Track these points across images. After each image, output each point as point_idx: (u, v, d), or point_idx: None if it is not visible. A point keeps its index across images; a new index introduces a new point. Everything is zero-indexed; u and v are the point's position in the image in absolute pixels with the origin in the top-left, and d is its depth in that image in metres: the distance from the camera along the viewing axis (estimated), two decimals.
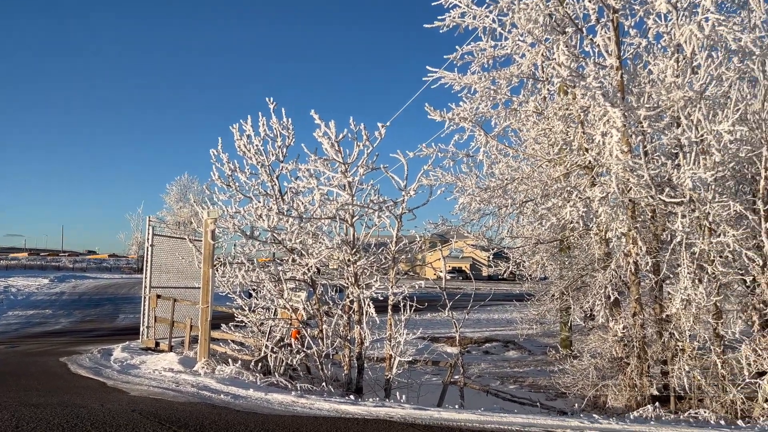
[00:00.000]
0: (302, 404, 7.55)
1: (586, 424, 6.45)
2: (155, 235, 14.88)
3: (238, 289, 11.60)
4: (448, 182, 12.95)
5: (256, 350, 11.65)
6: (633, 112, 9.92)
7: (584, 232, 11.72)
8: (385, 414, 6.88)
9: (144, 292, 14.76)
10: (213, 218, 11.13)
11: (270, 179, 11.46)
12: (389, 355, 10.30)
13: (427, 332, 17.85)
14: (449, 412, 6.83)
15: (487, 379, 13.96)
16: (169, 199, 71.03)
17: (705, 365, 9.99)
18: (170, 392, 8.24)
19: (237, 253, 11.79)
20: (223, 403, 7.54)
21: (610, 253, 11.70)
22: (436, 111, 12.11)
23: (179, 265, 15.35)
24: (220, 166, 11.50)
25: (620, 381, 11.27)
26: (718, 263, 9.58)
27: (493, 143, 12.74)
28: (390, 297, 10.37)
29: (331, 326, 10.73)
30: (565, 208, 10.18)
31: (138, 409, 6.77)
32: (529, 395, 11.90)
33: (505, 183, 12.26)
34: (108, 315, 25.47)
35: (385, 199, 10.52)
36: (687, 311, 9.82)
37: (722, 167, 9.39)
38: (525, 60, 11.99)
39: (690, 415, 8.79)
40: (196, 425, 6.05)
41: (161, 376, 9.82)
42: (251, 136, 11.42)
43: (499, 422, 6.46)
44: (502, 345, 18.35)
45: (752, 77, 9.93)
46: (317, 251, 10.58)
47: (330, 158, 10.49)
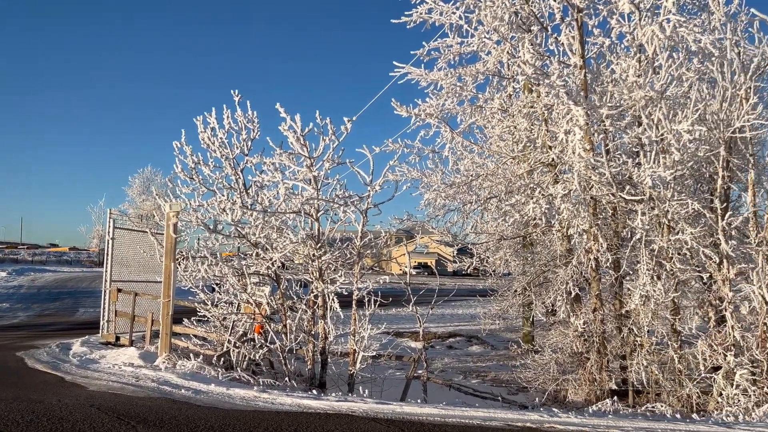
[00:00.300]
0: (264, 399, 7.51)
1: (545, 418, 6.53)
2: (116, 228, 14.64)
3: (201, 283, 11.46)
4: (413, 178, 13.01)
5: (219, 345, 11.54)
6: (596, 110, 10.07)
7: (547, 228, 11.87)
8: (348, 408, 6.88)
9: (104, 286, 14.52)
10: (175, 211, 10.98)
11: (234, 172, 11.33)
12: (353, 349, 10.30)
13: (392, 327, 17.93)
14: (411, 406, 6.87)
15: (451, 374, 14.05)
16: (132, 191, 69.93)
17: (662, 360, 10.20)
18: (130, 387, 8.12)
19: (200, 247, 11.67)
20: (184, 398, 7.46)
21: (572, 250, 11.87)
22: (403, 107, 12.15)
23: (141, 258, 15.13)
24: (183, 159, 11.33)
25: (580, 375, 11.45)
26: (677, 260, 9.78)
27: (458, 140, 12.81)
28: (355, 292, 10.38)
29: (295, 321, 10.68)
30: (529, 205, 10.29)
31: (96, 405, 6.66)
32: (491, 389, 12.03)
33: (469, 179, 12.34)
34: (67, 309, 24.99)
35: (350, 194, 10.51)
36: (646, 307, 10.02)
37: (681, 166, 9.59)
38: (491, 57, 12.07)
39: (647, 409, 8.97)
40: (156, 420, 5.98)
41: (121, 370, 9.67)
42: (216, 128, 11.27)
43: (460, 416, 6.51)
44: (466, 340, 18.51)
45: (711, 78, 10.15)
46: (282, 246, 10.52)
47: (295, 152, 10.43)
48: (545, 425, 6.27)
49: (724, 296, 9.45)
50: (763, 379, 8.90)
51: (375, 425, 6.13)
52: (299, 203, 10.49)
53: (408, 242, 31.39)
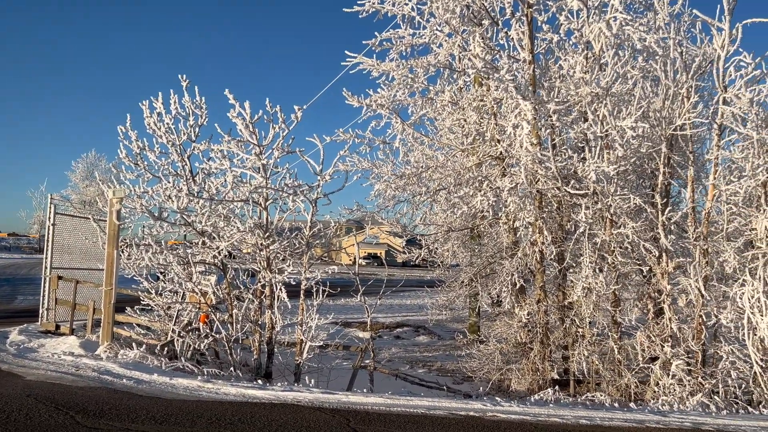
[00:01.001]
0: (208, 389, 7.43)
1: (488, 407, 6.64)
2: (57, 213, 14.20)
3: (145, 271, 11.24)
4: (364, 168, 13.00)
5: (163, 335, 11.35)
6: (543, 105, 10.23)
7: (494, 220, 12.04)
8: (293, 398, 6.87)
9: (44, 273, 14.08)
10: (119, 197, 10.73)
11: (181, 159, 11.14)
12: (300, 339, 10.27)
13: (340, 317, 17.94)
14: (357, 396, 6.90)
15: (397, 364, 14.13)
16: (75, 177, 68.07)
17: (603, 351, 10.46)
18: (69, 376, 7.91)
19: (144, 235, 11.43)
20: (126, 388, 7.31)
21: (518, 242, 12.07)
22: (354, 97, 12.12)
23: (83, 245, 14.72)
24: (128, 144, 11.08)
25: (524, 365, 11.65)
26: (618, 254, 10.04)
27: (409, 131, 12.86)
28: (303, 282, 10.33)
29: (241, 311, 10.59)
30: (477, 197, 10.42)
31: (33, 394, 6.48)
32: (437, 379, 12.15)
33: (419, 171, 12.41)
34: (5, 296, 24.12)
35: (300, 183, 10.45)
36: (588, 299, 10.26)
37: (624, 162, 9.83)
38: (442, 50, 12.13)
39: (587, 398, 9.20)
40: (96, 410, 5.85)
41: (60, 360, 9.42)
42: (162, 113, 11.05)
43: (405, 405, 6.57)
44: (413, 330, 18.64)
45: (655, 76, 10.41)
46: (229, 234, 10.40)
47: (244, 140, 10.31)
48: (488, 414, 6.38)
49: (663, 289, 9.74)
50: (697, 370, 9.22)
51: (320, 415, 6.14)
52: (247, 192, 10.39)
53: (358, 233, 31.42)
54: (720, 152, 9.40)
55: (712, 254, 9.69)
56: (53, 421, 5.42)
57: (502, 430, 5.86)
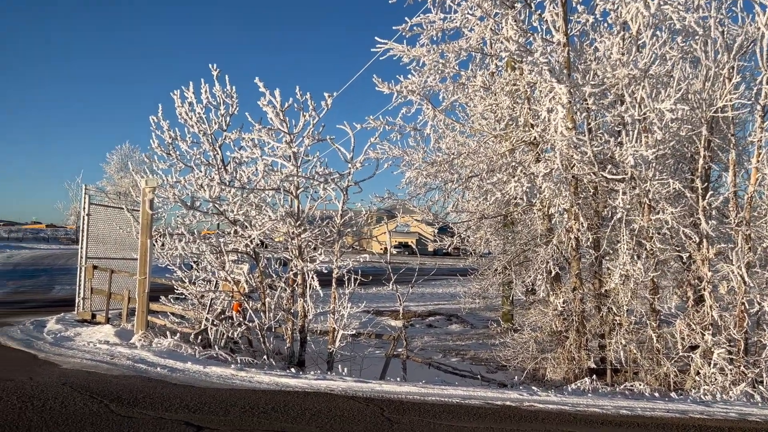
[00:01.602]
0: (241, 377, 7.41)
1: (525, 396, 6.51)
2: (92, 204, 14.36)
3: (178, 261, 11.30)
4: (395, 156, 12.87)
5: (197, 323, 11.41)
6: (578, 89, 9.98)
7: (528, 207, 11.82)
8: (326, 387, 6.81)
9: (80, 263, 14.27)
10: (151, 187, 10.78)
11: (212, 148, 11.15)
12: (332, 328, 10.23)
13: (372, 306, 17.87)
14: (391, 384, 6.81)
15: (430, 352, 14.03)
16: (110, 168, 68.88)
17: (641, 339, 10.24)
18: (104, 365, 7.97)
19: (177, 224, 11.48)
20: (159, 376, 7.33)
21: (552, 229, 11.85)
22: (384, 83, 11.97)
23: (117, 235, 14.88)
24: (160, 134, 11.12)
25: (559, 354, 11.48)
26: (657, 240, 9.79)
27: (440, 117, 12.69)
28: (334, 270, 10.28)
29: (274, 299, 10.58)
30: (510, 184, 10.23)
31: (69, 383, 6.52)
32: (471, 368, 12.02)
33: (451, 157, 12.24)
34: (43, 286, 24.58)
35: (330, 171, 10.36)
36: (625, 286, 10.03)
37: (663, 145, 9.56)
38: (474, 34, 11.91)
39: (626, 388, 9.00)
40: (130, 399, 5.86)
41: (96, 348, 9.51)
42: (193, 103, 11.05)
43: (439, 395, 6.47)
44: (446, 319, 18.51)
45: (695, 57, 10.09)
46: (260, 223, 10.38)
47: (275, 128, 10.25)
48: (525, 404, 6.25)
49: (703, 276, 9.48)
50: (739, 358, 8.96)
51: (354, 404, 6.07)
52: (278, 180, 10.34)
53: (389, 221, 31.34)
54: (763, 134, 9.09)
55: (754, 240, 9.40)
56: (87, 410, 5.43)
57: (540, 420, 5.73)
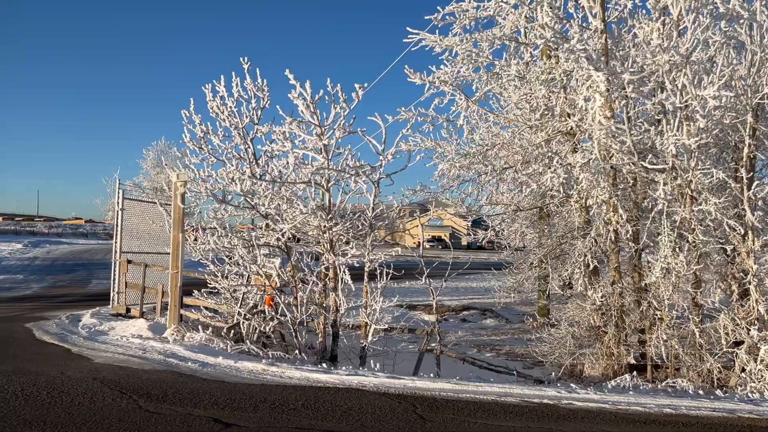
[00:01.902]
0: (272, 372, 7.31)
1: (563, 394, 6.29)
2: (126, 198, 14.46)
3: (211, 255, 11.27)
4: (427, 148, 12.68)
5: (229, 317, 11.40)
6: (617, 76, 9.67)
7: (564, 199, 11.52)
8: (358, 383, 6.67)
9: (114, 257, 14.39)
10: (183, 181, 10.76)
11: (244, 142, 11.11)
12: (365, 322, 10.09)
13: (405, 300, 17.69)
14: (424, 381, 6.64)
15: (464, 347, 13.82)
16: (146, 164, 69.56)
17: (683, 334, 9.92)
18: (136, 359, 7.95)
19: (210, 219, 11.46)
20: (190, 371, 7.28)
21: (590, 221, 11.54)
22: (416, 74, 11.76)
23: (151, 230, 14.98)
24: (192, 128, 11.12)
25: (597, 350, 11.22)
26: (699, 232, 9.44)
27: (473, 108, 12.43)
28: (366, 264, 10.13)
29: (306, 293, 10.49)
30: (546, 175, 9.95)
31: (100, 377, 6.49)
32: (506, 363, 11.80)
33: (485, 149, 12.00)
34: (80, 281, 25.00)
35: (362, 164, 10.20)
36: (666, 280, 9.70)
37: (706, 134, 9.20)
38: (507, 22, 11.65)
39: (668, 384, 8.70)
40: (159, 395, 5.79)
41: (128, 342, 9.52)
42: (225, 97, 11.03)
43: (474, 392, 6.28)
44: (480, 313, 18.26)
45: (739, 42, 9.68)
46: (291, 217, 10.27)
47: (305, 120, 10.13)
48: (563, 402, 6.03)
49: (749, 269, 9.11)
50: None
51: (386, 401, 5.92)
52: (309, 173, 10.23)
53: (421, 215, 31.16)
54: None
55: None
56: (116, 405, 5.38)
57: (580, 419, 5.51)
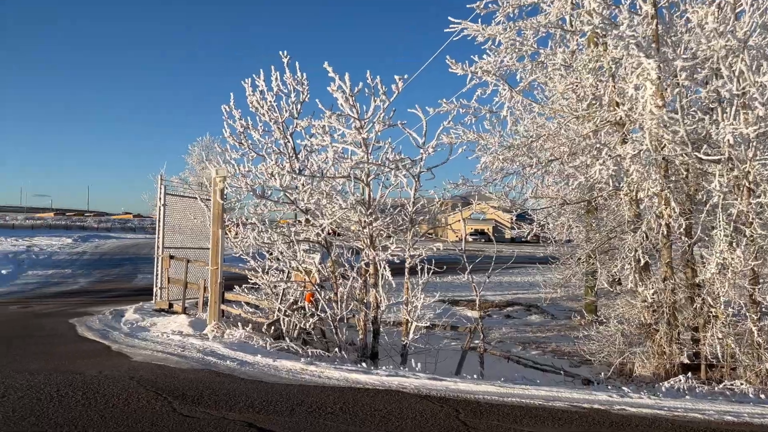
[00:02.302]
0: (311, 372, 7.14)
1: (615, 399, 5.96)
2: (167, 194, 14.50)
3: (251, 250, 11.19)
4: (469, 140, 12.36)
5: (270, 313, 11.31)
6: (669, 63, 9.22)
7: (613, 192, 11.09)
8: (398, 384, 6.44)
9: (156, 253, 14.45)
10: (222, 176, 10.68)
11: (283, 137, 10.98)
12: (406, 319, 9.87)
13: (447, 295, 17.43)
14: (467, 383, 6.39)
15: (509, 345, 13.49)
16: (191, 159, 70.50)
17: (739, 333, 9.45)
18: (174, 358, 7.87)
19: (250, 214, 11.38)
20: (228, 370, 7.15)
21: (640, 215, 11.10)
22: (458, 64, 11.44)
23: (193, 225, 15.00)
24: (232, 123, 11.04)
25: (648, 348, 10.84)
26: (757, 225, 8.94)
27: (517, 98, 12.05)
28: (407, 260, 9.90)
29: (346, 289, 10.32)
30: (595, 167, 9.54)
31: (137, 377, 6.40)
32: (552, 362, 11.45)
33: (530, 141, 11.62)
34: (126, 275, 25.37)
35: (402, 157, 9.96)
36: (722, 276, 9.23)
37: (765, 122, 8.70)
38: (553, 9, 11.23)
39: (725, 387, 8.26)
40: (194, 396, 5.66)
41: (168, 339, 9.48)
42: (264, 91, 10.91)
43: (520, 395, 6.00)
44: (525, 309, 17.84)
45: None
46: (331, 212, 10.10)
47: (344, 113, 9.93)
48: (615, 407, 5.70)
49: None
50: None
51: (427, 404, 5.68)
52: (349, 167, 10.03)
53: (463, 208, 30.72)
54: None
55: None
56: (150, 408, 5.26)
57: (633, 426, 5.19)
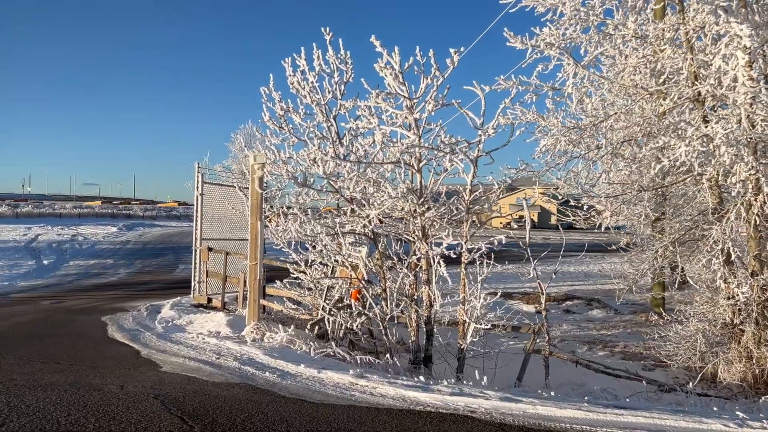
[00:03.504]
0: (362, 388, 6.20)
1: (731, 428, 4.88)
2: (205, 183, 13.71)
3: (293, 243, 10.33)
4: (528, 121, 11.27)
5: (314, 309, 10.47)
6: (759, 29, 8.01)
7: (694, 177, 9.86)
8: (465, 407, 5.45)
9: (194, 245, 13.70)
10: (260, 163, 9.82)
11: (326, 120, 10.09)
12: (463, 320, 8.85)
13: (497, 287, 16.37)
14: (547, 405, 5.38)
15: (571, 344, 12.40)
16: (234, 147, 70.47)
17: None
18: (208, 368, 7.01)
19: (291, 203, 10.52)
20: (267, 385, 6.25)
21: (723, 202, 9.89)
22: (517, 37, 10.32)
23: (232, 215, 14.22)
24: (271, 106, 10.20)
25: (733, 351, 9.74)
26: None
27: (583, 73, 10.88)
28: (463, 254, 8.87)
29: (396, 284, 9.39)
30: (680, 148, 8.34)
31: (162, 394, 5.55)
32: (625, 365, 10.35)
33: (598, 120, 10.45)
34: (168, 266, 24.90)
35: (459, 139, 8.92)
36: None
37: None
38: None
39: None
40: (226, 424, 4.77)
41: (203, 343, 8.66)
42: (305, 71, 10.02)
43: (614, 423, 4.96)
44: (585, 303, 16.62)
45: None
46: (379, 201, 9.13)
47: (393, 92, 8.92)
48: None
49: None
50: None
51: None
52: (399, 152, 9.03)
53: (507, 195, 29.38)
54: None
55: None
56: None
57: None
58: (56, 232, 37.43)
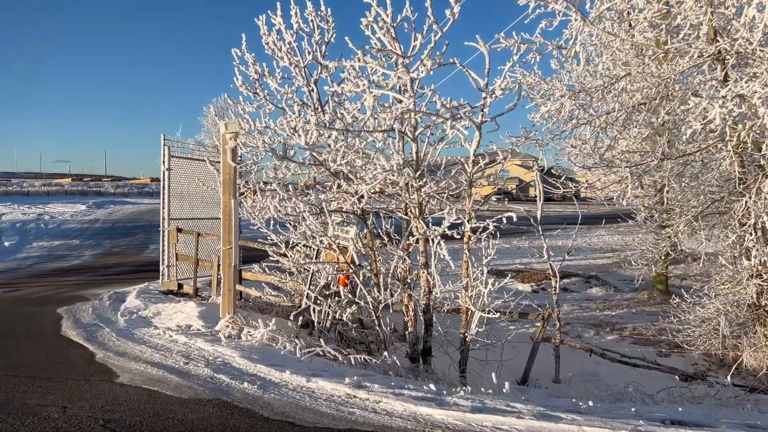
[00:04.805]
0: (362, 402, 5.12)
1: None
2: (172, 156, 12.41)
3: (272, 222, 9.17)
4: (529, 85, 10.21)
5: (297, 296, 9.39)
6: None
7: (719, 144, 8.86)
8: (493, 428, 4.42)
9: (162, 225, 12.44)
10: (233, 132, 8.63)
11: (306, 84, 8.95)
12: (466, 308, 7.81)
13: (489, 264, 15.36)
14: (594, 425, 4.37)
15: (575, 327, 11.50)
16: (207, 122, 68.48)
17: None
18: (173, 378, 5.86)
19: (269, 179, 9.35)
20: (246, 401, 5.15)
21: (746, 172, 8.95)
22: None
23: (203, 192, 12.98)
24: (244, 70, 9.02)
25: (759, 334, 8.94)
26: None
27: (590, 30, 9.79)
28: (466, 234, 7.80)
29: (390, 268, 8.32)
30: (714, 110, 7.30)
31: (114, 420, 4.42)
32: (639, 351, 9.47)
33: (611, 81, 9.38)
34: (137, 246, 23.51)
35: (461, 103, 7.76)
36: None
37: None
38: None
39: None
40: None
41: (170, 342, 7.48)
42: (282, 30, 8.85)
43: None
44: (583, 281, 15.70)
45: None
46: (371, 176, 8.01)
47: (385, 50, 7.75)
48: None
49: None
50: None
51: None
52: (392, 118, 7.88)
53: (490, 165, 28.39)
54: None
55: None
56: None
57: None
58: (22, 212, 35.74)
